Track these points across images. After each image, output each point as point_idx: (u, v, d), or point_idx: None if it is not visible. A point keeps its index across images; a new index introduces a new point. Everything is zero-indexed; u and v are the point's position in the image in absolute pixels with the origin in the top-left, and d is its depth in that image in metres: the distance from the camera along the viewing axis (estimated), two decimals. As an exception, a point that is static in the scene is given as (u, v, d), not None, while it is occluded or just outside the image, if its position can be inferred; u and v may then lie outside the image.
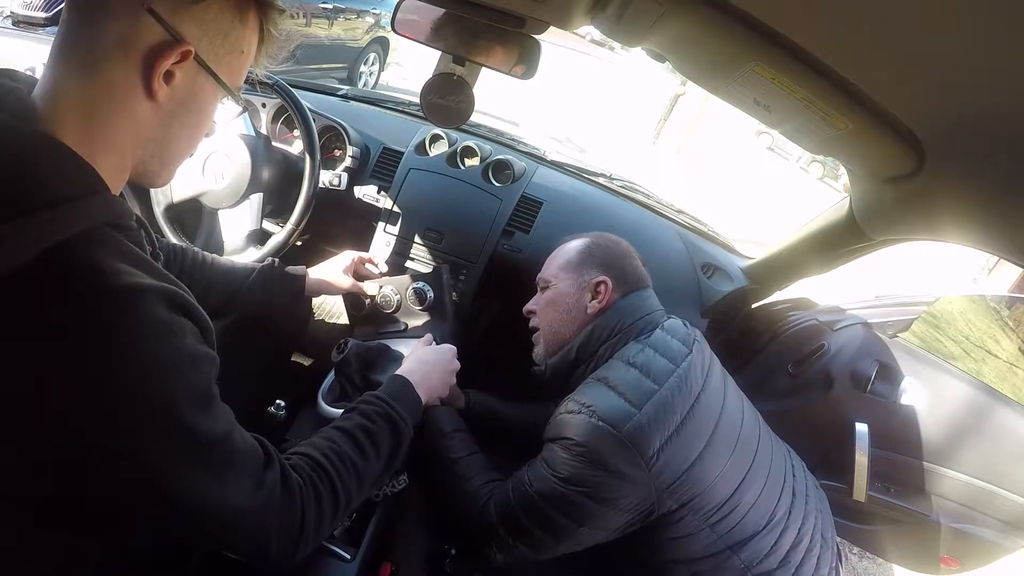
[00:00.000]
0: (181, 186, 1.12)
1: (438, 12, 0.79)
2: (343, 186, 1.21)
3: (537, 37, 0.78)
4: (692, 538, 0.77)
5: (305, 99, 1.12)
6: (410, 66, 5.45)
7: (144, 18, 0.44)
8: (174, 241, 1.08)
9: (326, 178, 1.19)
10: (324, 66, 4.18)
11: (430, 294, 1.06)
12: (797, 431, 1.04)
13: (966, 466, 1.16)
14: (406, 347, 0.98)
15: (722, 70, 0.66)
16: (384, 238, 1.23)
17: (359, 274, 1.08)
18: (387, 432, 0.67)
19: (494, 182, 1.26)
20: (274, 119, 1.30)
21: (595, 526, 0.75)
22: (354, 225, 1.29)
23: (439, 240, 1.21)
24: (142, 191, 1.16)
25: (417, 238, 1.22)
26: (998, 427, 1.15)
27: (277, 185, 1.16)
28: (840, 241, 1.07)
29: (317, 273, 1.02)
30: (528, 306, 0.97)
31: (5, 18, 1.84)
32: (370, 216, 1.24)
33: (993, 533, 1.17)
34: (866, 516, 1.24)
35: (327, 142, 1.29)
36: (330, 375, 0.98)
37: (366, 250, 1.19)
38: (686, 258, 1.29)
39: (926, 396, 1.16)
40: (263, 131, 1.24)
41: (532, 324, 0.96)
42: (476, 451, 0.87)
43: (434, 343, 0.93)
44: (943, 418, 1.16)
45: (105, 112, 0.45)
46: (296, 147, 1.25)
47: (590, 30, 0.90)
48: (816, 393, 1.20)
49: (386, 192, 1.22)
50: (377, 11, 4.47)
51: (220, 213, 1.15)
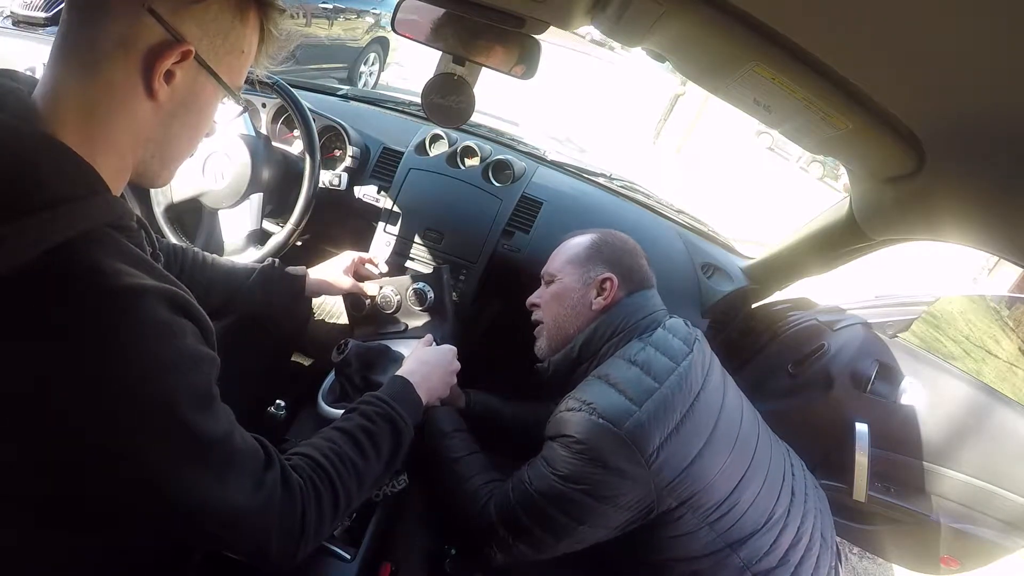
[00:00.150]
0: (181, 186, 1.12)
1: (438, 12, 0.79)
2: (343, 186, 1.21)
3: (537, 37, 0.78)
4: (691, 536, 0.77)
5: (305, 99, 1.12)
6: (410, 66, 5.46)
7: (144, 18, 0.44)
8: (174, 241, 1.08)
9: (326, 178, 1.19)
10: (324, 66, 4.18)
11: (430, 294, 1.05)
12: (797, 431, 1.04)
13: (966, 466, 1.16)
14: (406, 347, 0.98)
15: (722, 70, 0.66)
16: (384, 238, 1.23)
17: (359, 274, 1.08)
18: (387, 433, 0.67)
19: (494, 182, 1.26)
20: (274, 119, 1.30)
21: (595, 524, 0.75)
22: (354, 225, 1.29)
23: (439, 240, 1.21)
24: (142, 191, 1.16)
25: (417, 238, 1.22)
26: (998, 427, 1.15)
27: (277, 185, 1.16)
28: (840, 241, 1.07)
29: (317, 273, 1.02)
30: (532, 299, 0.96)
31: (5, 18, 1.83)
32: (370, 216, 1.24)
33: (993, 533, 1.17)
34: (866, 516, 1.24)
35: (327, 142, 1.29)
36: (330, 375, 0.98)
37: (366, 250, 1.19)
38: (686, 258, 1.29)
39: (926, 396, 1.16)
40: (263, 131, 1.24)
41: (535, 317, 0.96)
42: (476, 451, 0.87)
43: (434, 343, 0.93)
44: (943, 418, 1.16)
45: (105, 112, 0.45)
46: (296, 147, 1.25)
47: (590, 30, 0.90)
48: (816, 393, 1.20)
49: (386, 192, 1.22)
50: (377, 11, 4.47)
51: (220, 213, 1.15)
